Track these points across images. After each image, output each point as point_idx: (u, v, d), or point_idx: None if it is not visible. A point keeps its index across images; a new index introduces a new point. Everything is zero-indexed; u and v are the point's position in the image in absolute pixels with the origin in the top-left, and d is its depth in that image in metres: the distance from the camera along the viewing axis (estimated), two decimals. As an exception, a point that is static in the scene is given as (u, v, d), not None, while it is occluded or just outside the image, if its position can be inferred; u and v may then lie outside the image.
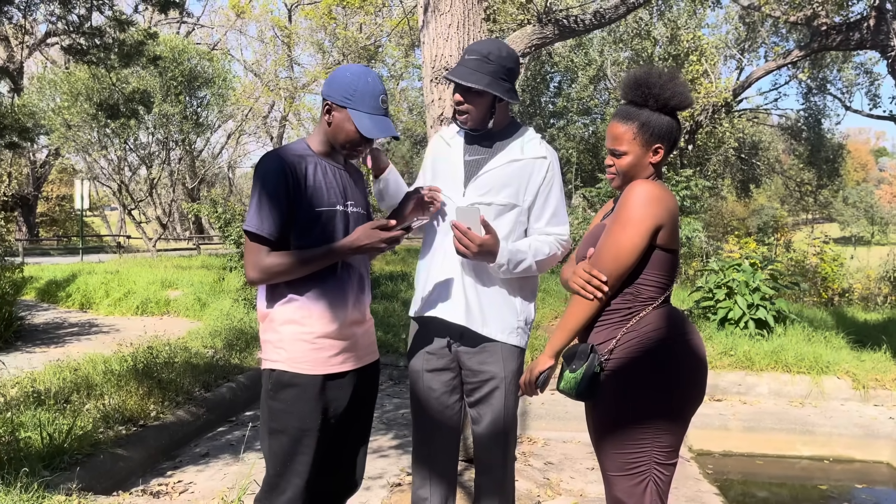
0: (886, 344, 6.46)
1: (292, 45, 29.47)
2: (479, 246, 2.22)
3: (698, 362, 2.05)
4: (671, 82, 2.02)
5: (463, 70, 2.34)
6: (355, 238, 2.08)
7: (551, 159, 2.46)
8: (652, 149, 2.05)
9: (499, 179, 2.40)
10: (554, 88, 23.49)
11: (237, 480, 3.83)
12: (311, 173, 2.12)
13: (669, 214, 1.98)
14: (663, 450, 1.98)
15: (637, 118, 2.04)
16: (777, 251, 16.13)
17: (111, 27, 9.49)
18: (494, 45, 2.38)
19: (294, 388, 2.10)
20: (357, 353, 2.23)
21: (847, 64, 20.75)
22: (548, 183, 2.44)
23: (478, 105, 2.37)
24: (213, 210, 9.14)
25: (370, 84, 2.13)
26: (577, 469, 4.32)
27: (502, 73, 2.36)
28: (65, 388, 4.69)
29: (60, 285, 12.13)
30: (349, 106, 2.12)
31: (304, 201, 2.09)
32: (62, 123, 19.67)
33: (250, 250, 2.07)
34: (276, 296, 2.13)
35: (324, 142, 2.20)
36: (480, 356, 2.42)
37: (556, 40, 5.40)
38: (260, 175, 2.08)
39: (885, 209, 50.63)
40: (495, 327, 2.40)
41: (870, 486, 4.71)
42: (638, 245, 1.95)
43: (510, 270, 2.34)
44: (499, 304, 2.41)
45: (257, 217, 2.05)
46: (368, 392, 2.32)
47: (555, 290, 9.33)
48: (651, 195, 1.96)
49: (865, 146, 77.40)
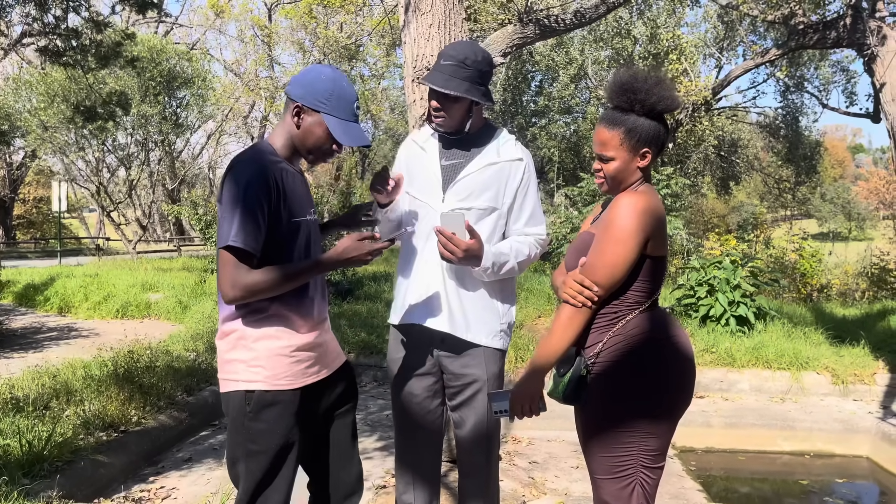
0: (865, 339, 6.55)
1: (272, 45, 29.26)
2: (464, 251, 2.21)
3: (685, 365, 2.05)
4: (657, 86, 2.00)
5: (439, 76, 2.32)
6: (342, 251, 1.99)
7: (527, 161, 2.47)
8: (639, 153, 2.04)
9: (478, 183, 2.39)
10: (535, 87, 23.54)
11: (221, 485, 3.80)
12: (289, 181, 2.02)
13: (658, 224, 1.98)
14: (650, 453, 1.99)
15: (623, 124, 2.02)
16: (757, 248, 16.30)
17: (87, 28, 9.37)
18: (470, 48, 2.36)
19: (276, 406, 2.00)
20: (328, 359, 2.18)
21: (824, 62, 20.98)
22: (525, 184, 2.45)
23: (455, 110, 2.36)
24: (193, 211, 9.07)
25: (346, 90, 2.05)
26: (561, 468, 4.33)
27: (478, 77, 2.35)
28: (44, 394, 4.62)
29: (38, 289, 11.97)
30: (322, 110, 2.02)
31: (284, 212, 1.99)
32: (38, 125, 19.39)
33: (228, 266, 1.90)
34: (250, 311, 1.99)
35: (288, 145, 2.08)
36: (463, 360, 2.42)
37: (537, 40, 5.41)
38: (240, 183, 1.91)
39: (862, 205, 51.36)
40: (478, 332, 2.40)
41: (850, 480, 4.77)
42: (630, 260, 1.95)
43: (495, 273, 2.34)
44: (481, 308, 2.41)
45: (240, 231, 1.89)
46: (346, 392, 2.27)
47: (537, 290, 9.36)
48: (640, 208, 1.95)
49: (842, 143, 78.47)
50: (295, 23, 26.90)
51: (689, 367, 2.06)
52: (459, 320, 2.38)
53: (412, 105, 4.04)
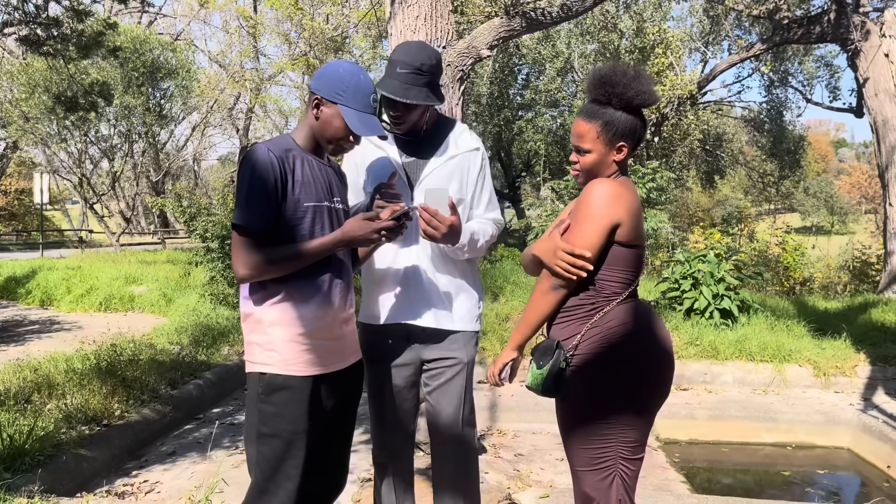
0: (846, 332, 6.62)
1: (258, 36, 29.02)
2: (448, 227, 2.23)
3: (663, 357, 2.06)
4: (635, 80, 2.01)
5: (398, 85, 2.33)
6: (347, 230, 2.06)
7: (482, 149, 2.54)
8: (615, 147, 2.05)
9: (443, 177, 2.44)
10: (521, 81, 23.52)
11: (205, 479, 3.78)
12: (299, 167, 2.08)
13: (628, 211, 1.99)
14: (629, 444, 2.00)
15: (601, 117, 2.04)
16: (741, 241, 16.43)
17: (69, 17, 9.24)
18: (423, 53, 2.37)
19: (287, 390, 2.05)
20: (345, 353, 2.21)
21: (808, 57, 21.14)
22: (483, 172, 2.53)
23: (413, 115, 2.40)
24: (177, 204, 8.96)
25: (362, 82, 2.11)
26: (546, 460, 4.35)
27: (433, 80, 2.38)
28: (25, 387, 4.58)
29: (20, 282, 11.84)
30: (339, 102, 2.09)
31: (292, 196, 2.05)
32: (20, 116, 19.16)
33: (239, 246, 2.01)
34: (265, 296, 2.06)
35: (309, 137, 2.16)
36: (442, 344, 2.47)
37: (523, 32, 5.41)
38: (248, 168, 2.02)
39: (845, 199, 51.84)
40: (460, 319, 2.47)
41: (831, 471, 4.83)
42: (595, 243, 1.97)
43: (471, 249, 2.41)
44: (460, 296, 2.48)
45: (247, 211, 1.99)
46: (354, 391, 2.30)
47: (523, 283, 9.37)
48: (608, 193, 1.98)
49: (826, 138, 79.10)
50: (280, 14, 26.66)
51: (666, 359, 2.07)
52: (442, 312, 2.43)
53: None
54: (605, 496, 2.00)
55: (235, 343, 6.68)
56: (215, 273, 8.73)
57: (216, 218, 8.67)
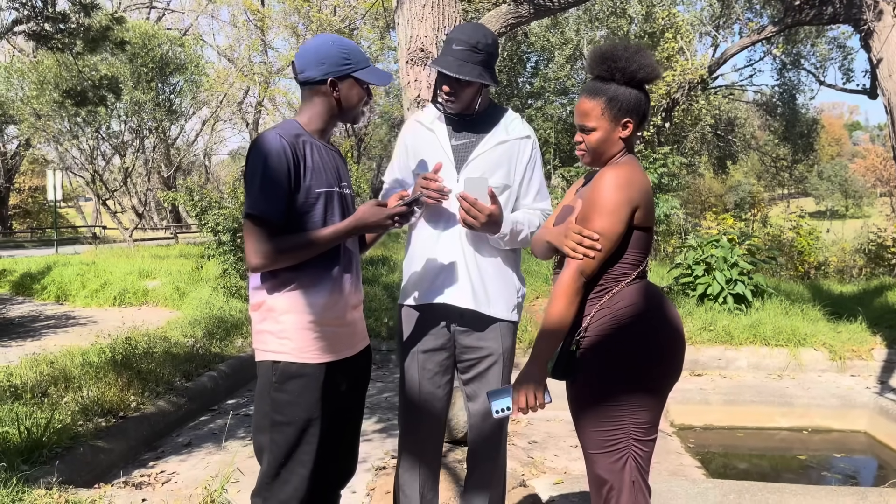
0: (862, 315, 6.56)
1: (266, 29, 29.03)
2: (487, 216, 2.23)
3: (672, 337, 2.04)
4: (637, 55, 1.99)
5: (452, 61, 2.32)
6: (360, 216, 2.06)
7: (533, 138, 2.50)
8: (621, 123, 2.03)
9: (491, 162, 2.42)
10: (531, 69, 23.40)
11: (220, 469, 3.81)
12: (310, 153, 2.07)
13: (643, 195, 1.98)
14: (641, 426, 1.98)
15: (605, 93, 2.01)
16: (754, 226, 16.30)
17: (76, 12, 9.28)
18: (479, 32, 2.36)
19: (301, 378, 2.06)
20: (355, 339, 2.22)
21: (820, 39, 20.87)
22: (533, 161, 2.49)
23: (467, 93, 2.37)
24: (189, 198, 9.00)
25: (348, 42, 2.13)
26: (560, 447, 4.35)
27: (488, 60, 2.37)
28: (42, 381, 4.62)
29: (35, 278, 11.95)
30: (349, 70, 2.10)
31: (304, 183, 2.04)
32: (31, 113, 19.29)
33: (252, 235, 1.99)
34: (277, 284, 2.06)
35: (316, 120, 2.14)
36: (479, 333, 2.44)
37: (531, 19, 5.37)
38: (259, 156, 1.99)
39: (859, 183, 51.35)
40: (499, 307, 2.44)
41: (848, 455, 4.80)
42: (619, 232, 1.95)
43: (511, 240, 2.38)
44: (500, 282, 2.45)
45: (261, 200, 1.97)
46: (363, 376, 2.31)
47: (535, 271, 9.35)
48: (623, 180, 1.95)
49: (839, 121, 78.34)
50: (288, 6, 26.67)
51: (677, 338, 2.05)
52: (481, 295, 2.40)
53: (407, 87, 4.01)
54: (618, 478, 1.98)
55: (248, 335, 6.72)
56: (227, 266, 8.77)
57: (227, 211, 8.69)
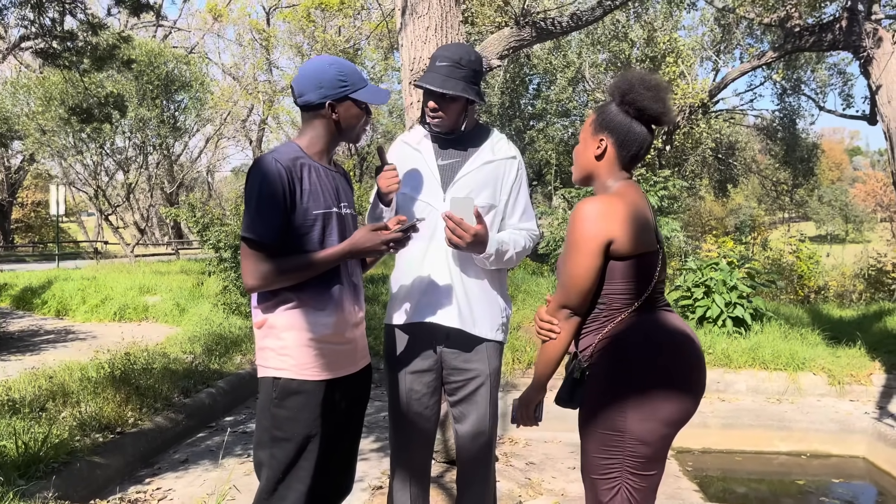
0: (861, 340, 6.56)
1: (271, 49, 29.30)
2: (473, 236, 2.25)
3: (676, 369, 1.96)
4: (641, 83, 1.98)
5: (436, 77, 2.37)
6: (355, 241, 2.09)
7: (519, 158, 2.54)
8: (597, 139, 2.02)
9: (477, 181, 2.44)
10: (533, 90, 23.56)
11: (217, 486, 3.80)
12: (307, 176, 2.10)
13: (621, 225, 1.91)
14: (636, 458, 1.93)
15: (599, 108, 2.04)
16: (754, 250, 16.32)
17: (84, 31, 9.38)
18: (463, 49, 2.42)
19: (301, 395, 2.08)
20: (356, 357, 2.23)
21: (820, 65, 21.02)
22: (518, 181, 2.52)
23: (452, 110, 2.41)
24: (191, 214, 9.05)
25: (346, 63, 2.16)
26: (558, 469, 4.34)
27: (473, 76, 2.41)
28: (40, 395, 4.62)
29: (36, 292, 11.95)
30: (347, 92, 2.13)
31: (301, 205, 2.07)
32: (36, 128, 19.41)
33: (249, 257, 2.03)
34: (277, 302, 2.08)
35: (316, 142, 2.17)
36: (466, 355, 2.45)
37: (533, 42, 5.43)
38: (256, 179, 2.03)
39: (860, 207, 51.41)
40: (484, 326, 2.45)
41: (846, 480, 4.78)
42: (590, 266, 1.91)
43: (496, 260, 2.40)
44: (485, 302, 2.46)
45: (257, 223, 2.01)
46: (363, 394, 2.32)
47: (534, 291, 9.37)
48: (594, 212, 1.91)
49: (840, 146, 78.58)
50: (293, 26, 26.95)
51: (679, 371, 1.96)
52: (467, 315, 2.41)
53: (409, 107, 4.05)
54: None
55: (248, 352, 6.72)
56: (228, 283, 8.79)
57: (229, 228, 8.74)
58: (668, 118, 1.98)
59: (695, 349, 2.00)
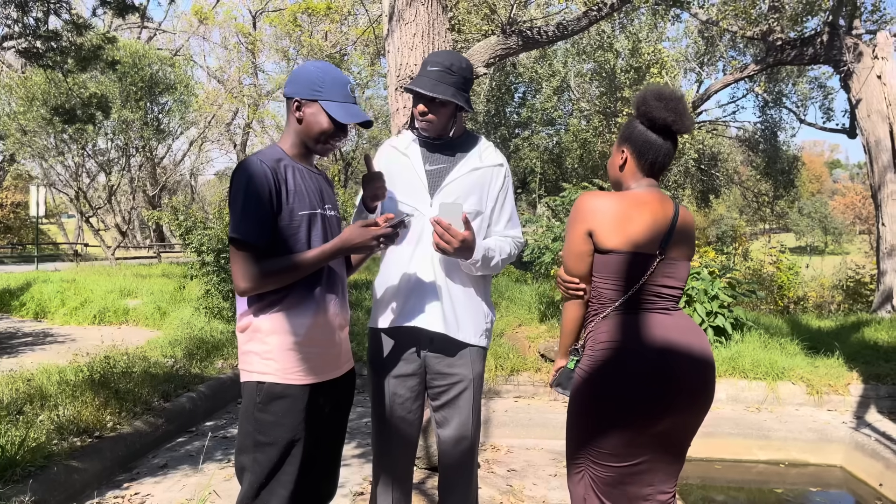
0: (839, 350, 6.64)
1: (256, 52, 29.21)
2: (460, 242, 2.26)
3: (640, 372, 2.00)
4: (652, 96, 2.11)
5: (427, 81, 2.39)
6: (346, 237, 2.08)
7: (506, 166, 2.56)
8: (620, 151, 2.19)
9: (464, 188, 2.45)
10: (518, 99, 23.70)
11: (196, 492, 3.77)
12: (291, 176, 2.09)
13: (601, 218, 2.07)
14: (599, 450, 2.08)
15: (624, 124, 2.20)
16: (735, 260, 16.47)
17: (68, 31, 9.31)
18: (454, 56, 2.44)
19: (285, 399, 2.06)
20: (340, 361, 2.22)
21: (802, 78, 21.36)
22: (505, 189, 2.54)
23: (441, 114, 2.42)
24: (173, 218, 8.99)
25: (337, 74, 2.14)
26: (539, 476, 4.35)
27: (462, 83, 2.43)
28: (17, 398, 4.56)
29: (14, 294, 11.80)
30: (319, 97, 2.11)
31: (287, 206, 2.06)
32: (17, 129, 19.20)
33: (238, 259, 2.01)
34: (262, 306, 2.07)
35: (296, 144, 2.17)
36: (450, 359, 2.46)
37: (519, 51, 5.47)
38: (242, 180, 2.02)
39: (839, 219, 52.14)
40: (468, 331, 2.46)
41: (824, 489, 4.82)
42: (574, 249, 2.12)
43: (483, 266, 2.41)
44: (470, 308, 2.47)
45: (244, 223, 2.00)
46: (346, 398, 2.32)
47: (518, 299, 9.38)
48: (580, 203, 2.11)
49: (820, 158, 79.73)
50: (279, 31, 26.91)
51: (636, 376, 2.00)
52: (451, 320, 2.42)
53: (395, 113, 4.06)
54: (575, 490, 2.15)
55: (229, 356, 6.67)
56: (210, 287, 8.73)
57: (212, 231, 8.68)
58: (681, 125, 2.10)
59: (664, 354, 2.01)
